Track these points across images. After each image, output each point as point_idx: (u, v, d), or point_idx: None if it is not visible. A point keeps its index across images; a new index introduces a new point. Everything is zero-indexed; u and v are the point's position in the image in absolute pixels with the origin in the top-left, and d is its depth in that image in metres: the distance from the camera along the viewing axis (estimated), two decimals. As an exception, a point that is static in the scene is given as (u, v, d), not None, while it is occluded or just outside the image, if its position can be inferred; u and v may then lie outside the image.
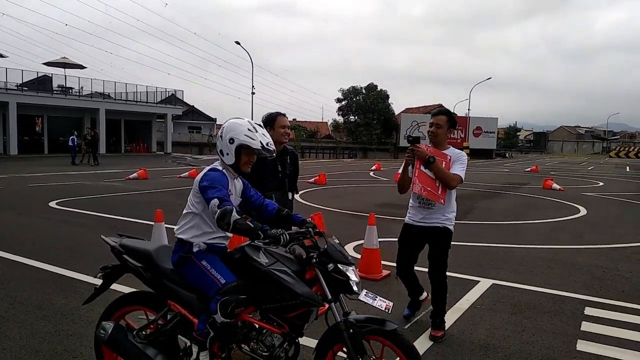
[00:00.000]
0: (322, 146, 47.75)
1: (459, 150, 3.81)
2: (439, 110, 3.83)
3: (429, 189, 3.58)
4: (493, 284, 5.14)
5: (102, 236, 2.91)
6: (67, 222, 8.25)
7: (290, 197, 4.00)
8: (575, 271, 5.77)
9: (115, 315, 2.79)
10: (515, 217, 9.91)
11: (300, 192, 13.20)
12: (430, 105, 55.11)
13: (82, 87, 33.84)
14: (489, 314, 4.27)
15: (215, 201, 2.30)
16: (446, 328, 3.79)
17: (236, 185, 2.62)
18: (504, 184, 17.49)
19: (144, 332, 2.63)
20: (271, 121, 3.83)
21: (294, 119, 71.18)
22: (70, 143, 24.12)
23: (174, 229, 2.69)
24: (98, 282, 2.89)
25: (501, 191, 15.11)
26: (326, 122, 70.28)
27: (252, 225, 2.26)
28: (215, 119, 54.27)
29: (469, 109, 52.64)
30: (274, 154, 2.61)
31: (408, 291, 4.06)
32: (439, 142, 3.72)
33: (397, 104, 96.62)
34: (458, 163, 3.65)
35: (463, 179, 3.64)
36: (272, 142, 2.54)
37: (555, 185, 15.48)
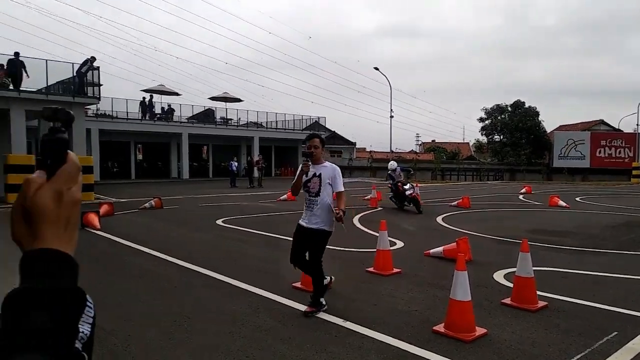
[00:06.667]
0: (464, 167, 45.82)
1: (334, 165, 4.82)
2: (312, 134, 4.87)
3: None
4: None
5: None
6: (231, 238, 9.36)
7: None
8: None
9: None
10: None
11: (442, 216, 13.01)
12: (590, 122, 49.37)
13: (239, 118, 38.01)
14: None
15: None
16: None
17: None
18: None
19: None
20: None
21: (432, 140, 69.75)
22: (230, 168, 27.17)
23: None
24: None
25: (686, 219, 12.82)
26: (467, 143, 67.42)
27: None
28: (355, 142, 55.90)
29: (638, 124, 45.76)
30: None
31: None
32: (317, 159, 4.74)
33: (548, 122, 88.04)
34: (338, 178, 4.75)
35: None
36: None
37: None
